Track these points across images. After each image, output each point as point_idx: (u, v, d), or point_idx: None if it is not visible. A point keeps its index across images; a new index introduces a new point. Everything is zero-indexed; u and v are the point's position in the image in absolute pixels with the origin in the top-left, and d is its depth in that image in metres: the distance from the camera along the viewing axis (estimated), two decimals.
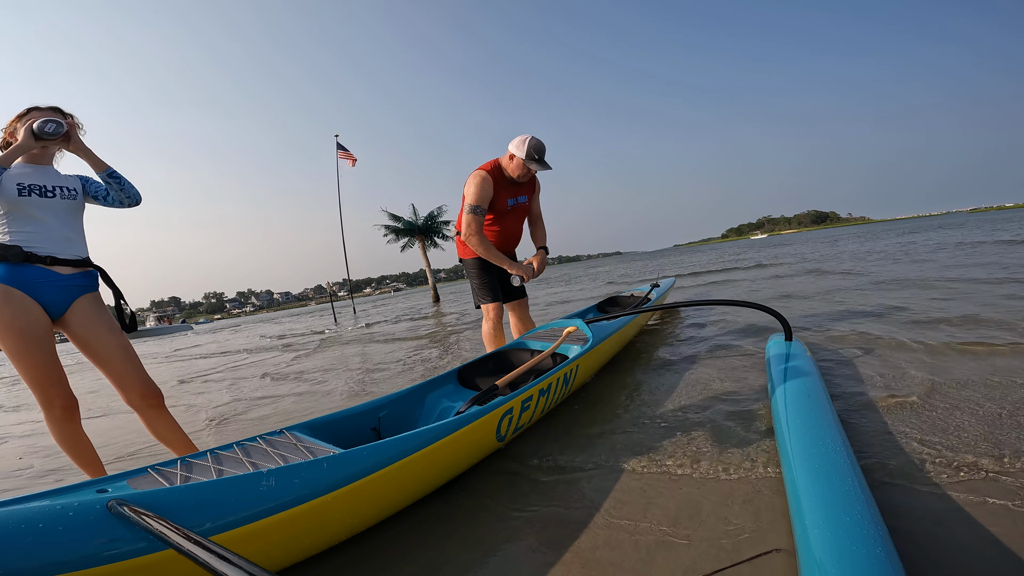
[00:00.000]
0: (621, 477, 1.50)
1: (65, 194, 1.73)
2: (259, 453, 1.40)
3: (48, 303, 1.64)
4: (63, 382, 1.68)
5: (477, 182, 2.59)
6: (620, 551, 1.14)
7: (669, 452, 1.63)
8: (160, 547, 0.90)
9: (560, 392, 2.07)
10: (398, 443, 1.34)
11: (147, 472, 1.25)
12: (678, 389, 2.30)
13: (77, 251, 1.73)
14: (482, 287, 2.85)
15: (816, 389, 1.67)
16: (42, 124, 1.59)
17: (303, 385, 3.92)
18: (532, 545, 1.23)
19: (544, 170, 2.63)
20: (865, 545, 0.85)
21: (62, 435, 1.71)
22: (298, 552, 1.16)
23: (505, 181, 2.67)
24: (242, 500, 1.04)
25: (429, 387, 2.16)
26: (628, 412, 2.08)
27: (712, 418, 1.86)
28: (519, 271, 2.64)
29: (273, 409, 3.17)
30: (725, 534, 1.15)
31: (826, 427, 1.36)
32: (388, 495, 1.31)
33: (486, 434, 1.61)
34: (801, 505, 1.03)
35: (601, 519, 1.29)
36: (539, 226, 2.99)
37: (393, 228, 22.29)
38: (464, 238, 2.66)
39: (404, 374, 3.77)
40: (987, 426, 1.51)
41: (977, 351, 2.27)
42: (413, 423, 1.97)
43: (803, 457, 1.21)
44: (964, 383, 1.88)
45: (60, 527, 0.85)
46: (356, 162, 15.81)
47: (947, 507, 1.15)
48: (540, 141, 2.56)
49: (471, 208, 2.59)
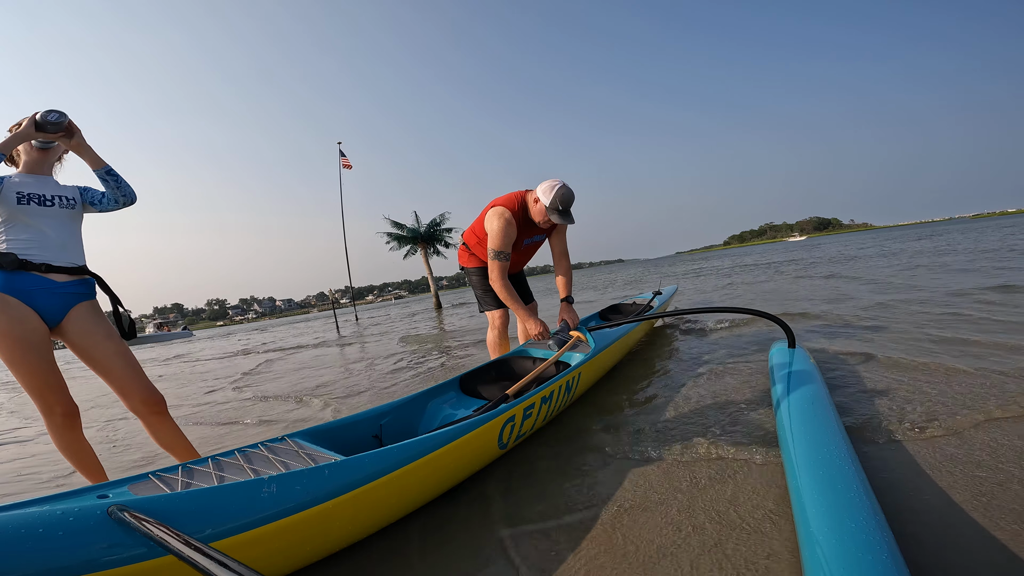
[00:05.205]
0: (622, 486, 1.49)
1: (64, 203, 1.74)
2: (260, 460, 1.40)
3: (44, 311, 1.64)
4: (62, 389, 1.67)
5: (502, 225, 2.48)
6: (622, 558, 1.13)
7: (671, 459, 1.62)
8: (160, 553, 0.89)
9: (562, 400, 2.06)
10: (400, 450, 1.34)
11: (148, 478, 1.24)
12: (680, 396, 2.29)
13: (73, 259, 1.74)
14: (486, 295, 2.84)
15: (820, 396, 1.66)
16: (45, 114, 1.60)
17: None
18: (533, 552, 1.21)
19: (566, 223, 2.51)
20: (871, 551, 0.84)
21: (63, 442, 1.71)
22: (299, 559, 1.15)
23: (527, 221, 2.57)
24: (243, 506, 1.04)
25: (431, 395, 2.15)
26: (630, 420, 2.07)
27: (715, 426, 1.85)
28: (538, 328, 2.51)
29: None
30: (729, 541, 1.14)
31: (830, 434, 1.35)
32: (390, 502, 1.30)
33: (488, 441, 1.60)
34: (806, 512, 1.03)
35: (602, 527, 1.28)
36: (564, 266, 2.75)
37: (396, 235, 22.35)
38: (491, 282, 2.56)
39: (406, 380, 3.76)
40: (993, 429, 1.50)
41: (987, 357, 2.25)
42: (415, 431, 1.96)
43: (807, 464, 1.20)
44: (968, 389, 1.87)
45: (60, 532, 0.85)
46: (351, 167, 16.95)
47: (955, 512, 1.14)
48: (569, 191, 2.45)
49: (496, 254, 2.50)
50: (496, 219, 2.51)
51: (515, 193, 2.59)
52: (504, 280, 2.52)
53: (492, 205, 2.59)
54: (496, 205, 2.56)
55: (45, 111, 1.61)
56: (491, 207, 2.58)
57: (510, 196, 2.58)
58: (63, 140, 1.68)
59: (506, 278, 2.54)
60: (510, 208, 2.52)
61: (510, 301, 2.54)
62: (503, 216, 2.50)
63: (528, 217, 2.56)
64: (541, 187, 2.48)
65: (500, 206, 2.54)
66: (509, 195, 2.59)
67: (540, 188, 2.48)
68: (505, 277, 2.53)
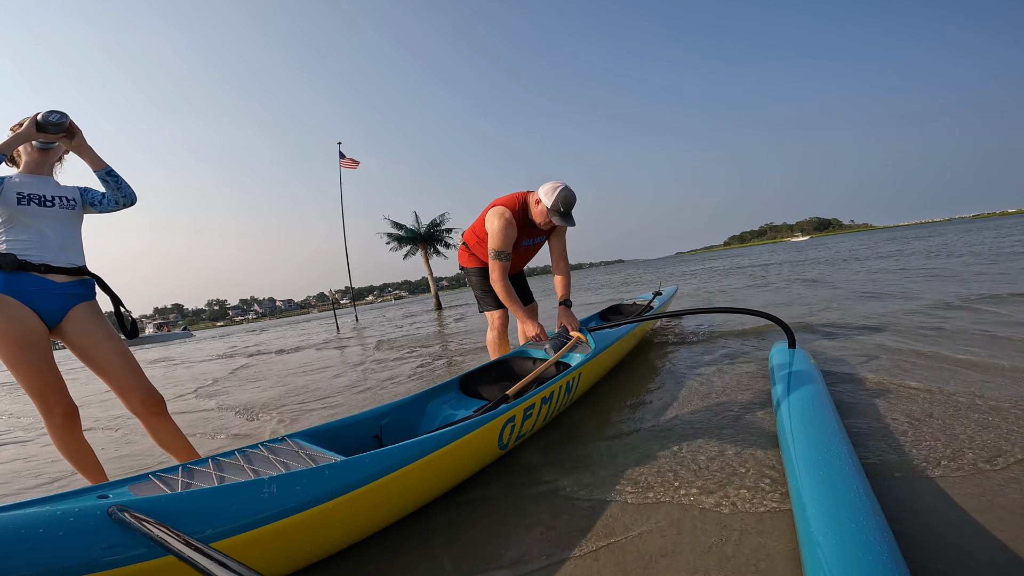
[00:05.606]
0: (622, 487, 1.49)
1: (64, 204, 1.74)
2: (260, 460, 1.40)
3: (43, 311, 1.64)
4: (62, 390, 1.67)
5: (502, 225, 2.48)
6: (622, 558, 1.13)
7: (671, 461, 1.61)
8: (160, 553, 0.89)
9: (563, 400, 2.06)
10: (400, 451, 1.34)
11: (148, 478, 1.24)
12: (680, 397, 2.29)
13: (73, 259, 1.73)
14: (486, 295, 2.84)
15: (820, 396, 1.67)
16: (46, 115, 1.60)
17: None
18: (533, 555, 1.21)
19: (567, 224, 2.51)
20: (871, 552, 0.84)
21: (63, 442, 1.71)
22: (299, 559, 1.15)
23: (528, 223, 2.57)
24: (243, 507, 1.04)
25: (431, 395, 2.15)
26: (630, 421, 2.07)
27: (715, 426, 1.85)
28: (535, 330, 2.48)
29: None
30: (729, 542, 1.13)
31: (830, 434, 1.35)
32: (390, 503, 1.30)
33: (488, 442, 1.60)
34: (806, 512, 1.02)
35: (602, 527, 1.28)
36: (562, 267, 2.74)
37: (396, 236, 22.35)
38: (492, 282, 2.56)
39: (406, 382, 3.76)
40: (991, 430, 1.50)
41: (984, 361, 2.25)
42: (415, 431, 1.96)
43: (808, 464, 1.20)
44: (969, 390, 1.87)
45: (60, 532, 0.85)
46: (359, 165, 16.70)
47: (954, 512, 1.14)
48: (571, 193, 2.45)
49: (496, 253, 2.50)
50: (496, 219, 2.50)
51: (516, 194, 2.58)
52: (505, 280, 2.52)
53: (493, 205, 2.59)
54: (496, 205, 2.56)
55: (46, 112, 1.61)
56: (491, 207, 2.58)
57: (511, 196, 2.58)
58: (64, 141, 1.68)
59: (507, 278, 2.53)
60: (510, 208, 2.52)
61: (509, 302, 2.53)
62: (503, 216, 2.49)
63: (528, 218, 2.56)
64: (543, 188, 2.48)
65: (500, 206, 2.54)
66: (510, 195, 2.59)
67: (542, 189, 2.48)
68: (506, 277, 2.53)
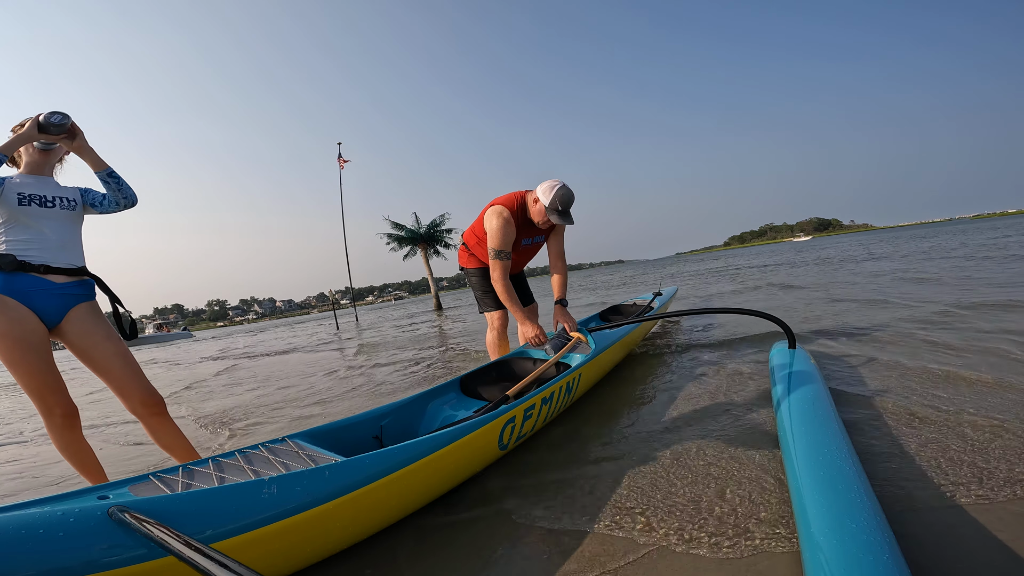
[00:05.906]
0: (622, 488, 1.49)
1: (64, 204, 1.74)
2: (261, 461, 1.40)
3: (43, 311, 1.64)
4: (62, 390, 1.67)
5: (500, 224, 2.47)
6: (622, 559, 1.13)
7: (671, 462, 1.61)
8: (160, 554, 0.89)
9: (563, 401, 2.06)
10: (400, 451, 1.34)
11: (148, 479, 1.25)
12: (680, 398, 2.28)
13: (73, 260, 1.73)
14: (486, 295, 2.84)
15: (820, 397, 1.66)
16: (48, 115, 1.60)
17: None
18: (533, 555, 1.21)
19: (565, 223, 2.51)
20: (872, 552, 0.84)
21: (63, 443, 1.70)
22: (299, 560, 1.15)
23: (526, 222, 2.57)
24: (243, 507, 1.04)
25: (431, 396, 2.15)
26: (629, 421, 2.07)
27: (715, 427, 1.85)
28: (535, 331, 2.46)
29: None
30: (729, 542, 1.13)
31: (831, 435, 1.35)
32: (390, 503, 1.30)
33: (488, 443, 1.60)
34: (807, 513, 1.02)
35: (603, 527, 1.28)
36: (560, 267, 2.72)
37: (396, 236, 22.36)
38: (492, 281, 2.55)
39: (406, 382, 3.76)
40: (993, 433, 1.50)
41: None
42: (415, 431, 1.96)
43: (808, 465, 1.20)
44: (970, 391, 1.87)
45: (60, 533, 0.85)
46: (348, 162, 17.83)
47: (955, 513, 1.14)
48: (569, 192, 2.45)
49: (496, 253, 2.50)
50: (494, 218, 2.50)
51: (514, 193, 2.58)
52: (505, 280, 2.51)
53: (491, 204, 2.59)
54: (495, 204, 2.56)
55: (48, 112, 1.61)
56: (490, 206, 2.58)
57: (509, 196, 2.58)
58: (65, 142, 1.68)
59: (507, 278, 2.53)
60: (509, 207, 2.52)
61: (509, 302, 2.53)
62: (501, 215, 2.49)
63: (527, 217, 2.56)
64: (541, 187, 2.47)
65: (499, 205, 2.54)
66: (508, 195, 2.59)
67: (540, 188, 2.48)
68: (506, 277, 2.52)
